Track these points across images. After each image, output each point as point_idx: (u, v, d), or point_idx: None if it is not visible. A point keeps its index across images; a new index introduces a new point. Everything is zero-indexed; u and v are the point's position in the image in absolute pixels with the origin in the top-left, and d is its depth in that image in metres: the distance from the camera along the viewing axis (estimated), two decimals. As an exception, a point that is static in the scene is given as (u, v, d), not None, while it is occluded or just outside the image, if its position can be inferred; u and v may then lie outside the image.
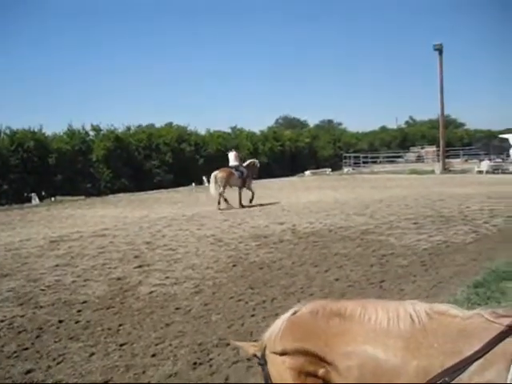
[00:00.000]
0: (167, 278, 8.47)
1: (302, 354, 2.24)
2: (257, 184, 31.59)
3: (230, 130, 46.92)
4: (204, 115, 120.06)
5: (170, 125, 44.95)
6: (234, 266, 9.16)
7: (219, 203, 18.45)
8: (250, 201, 19.35)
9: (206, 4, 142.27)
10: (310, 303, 2.38)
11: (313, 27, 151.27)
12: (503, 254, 9.14)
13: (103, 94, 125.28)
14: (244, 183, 19.71)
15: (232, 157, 20.23)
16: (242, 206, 18.83)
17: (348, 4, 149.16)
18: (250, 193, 19.65)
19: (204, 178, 33.81)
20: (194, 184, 32.29)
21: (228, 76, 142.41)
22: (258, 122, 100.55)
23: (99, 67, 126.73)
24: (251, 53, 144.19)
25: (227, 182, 19.01)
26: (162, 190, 29.90)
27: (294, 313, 2.38)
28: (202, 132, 43.02)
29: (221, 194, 18.64)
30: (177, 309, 6.78)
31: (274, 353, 2.35)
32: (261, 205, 18.92)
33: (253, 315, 6.38)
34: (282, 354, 2.31)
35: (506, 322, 1.97)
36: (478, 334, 1.95)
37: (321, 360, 2.19)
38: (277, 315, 6.31)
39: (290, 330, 2.30)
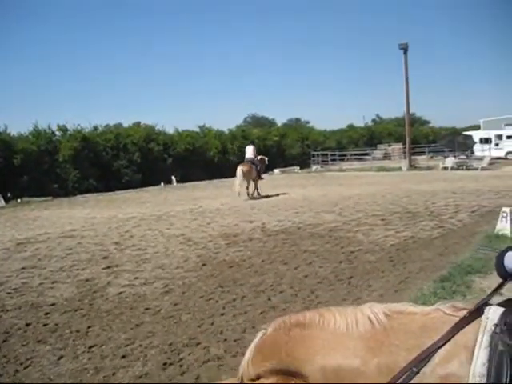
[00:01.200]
0: (136, 278, 8.42)
1: (272, 372, 2.22)
2: (226, 182, 31.71)
3: (198, 129, 46.79)
4: (172, 114, 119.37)
5: (137, 124, 44.60)
6: (203, 265, 9.15)
7: (245, 193, 20.85)
8: (256, 191, 21.54)
9: (167, 2, 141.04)
10: (273, 322, 2.37)
11: (277, 26, 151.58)
12: (468, 248, 9.33)
13: (70, 93, 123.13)
14: (259, 175, 21.89)
15: (250, 150, 22.23)
16: (259, 195, 21.25)
17: (314, 3, 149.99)
18: (257, 184, 21.69)
19: (173, 177, 33.68)
20: (162, 184, 32.09)
21: (196, 74, 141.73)
22: (226, 120, 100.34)
23: (64, 66, 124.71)
24: (219, 52, 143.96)
25: (250, 175, 21.08)
26: (131, 190, 29.66)
27: (261, 336, 2.36)
28: (171, 131, 42.84)
29: (246, 187, 21.01)
30: (146, 309, 6.75)
31: (251, 380, 2.32)
32: (230, 204, 18.90)
33: (223, 314, 6.39)
34: (257, 378, 2.28)
35: (463, 314, 2.03)
36: (438, 327, 1.99)
37: (287, 372, 2.18)
38: (246, 313, 6.40)
39: (259, 352, 2.29)
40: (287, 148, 51.14)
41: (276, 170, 39.66)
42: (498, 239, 9.66)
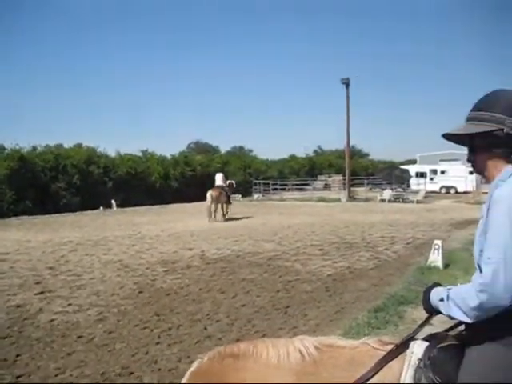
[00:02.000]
0: (70, 305, 8.20)
1: None
2: (167, 208, 31.47)
3: (140, 154, 46.43)
4: (114, 137, 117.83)
5: (79, 146, 43.87)
6: (140, 292, 9.01)
7: (213, 217, 22.52)
8: (225, 215, 23.46)
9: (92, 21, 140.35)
10: (209, 352, 2.41)
11: (221, 56, 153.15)
12: (402, 279, 9.58)
13: (8, 111, 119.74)
14: (228, 200, 23.71)
15: (219, 177, 24.38)
16: (225, 218, 23.15)
17: (257, 30, 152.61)
18: (227, 208, 23.71)
19: (113, 201, 33.13)
20: (102, 208, 31.56)
21: (140, 98, 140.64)
22: (169, 146, 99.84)
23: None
24: (163, 77, 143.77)
25: (219, 200, 22.92)
26: (69, 214, 28.93)
27: (197, 365, 2.39)
28: (112, 154, 42.36)
29: (214, 210, 22.67)
30: (79, 337, 6.57)
31: None
32: (168, 230, 18.73)
33: (158, 343, 6.30)
34: None
35: (389, 348, 2.11)
36: (365, 361, 2.07)
37: None
38: (182, 342, 6.32)
39: (193, 380, 2.32)
40: (230, 176, 51.26)
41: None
42: (430, 271, 9.97)
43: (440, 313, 2.14)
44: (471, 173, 34.59)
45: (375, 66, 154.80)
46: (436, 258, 10.49)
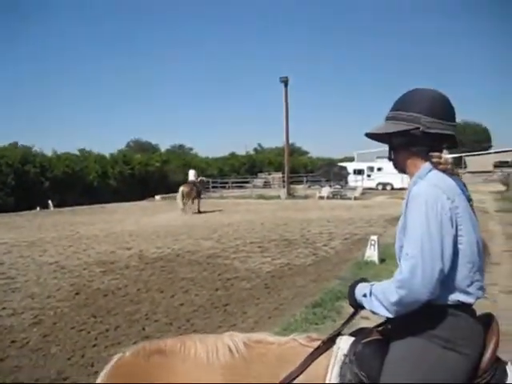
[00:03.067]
0: (4, 308, 7.97)
1: None
2: (105, 208, 30.89)
3: (78, 152, 45.39)
4: (51, 136, 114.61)
5: (15, 145, 42.47)
6: (76, 293, 8.84)
7: (184, 211, 24.41)
8: (199, 209, 25.56)
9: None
10: (133, 347, 2.35)
11: (167, 53, 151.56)
12: (339, 274, 9.76)
13: None
14: (199, 195, 25.87)
15: (192, 173, 27.10)
16: (200, 212, 25.22)
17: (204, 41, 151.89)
18: (198, 202, 25.80)
19: (49, 201, 32.27)
20: (38, 208, 30.73)
21: (80, 95, 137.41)
22: (107, 145, 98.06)
23: None
24: (103, 75, 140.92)
25: (190, 195, 25.00)
26: (3, 214, 27.89)
27: (118, 360, 2.30)
28: (49, 153, 41.21)
29: (185, 204, 24.73)
30: (12, 342, 6.39)
31: None
32: (107, 230, 18.44)
33: (95, 345, 6.21)
34: None
35: (317, 344, 2.16)
36: (292, 358, 2.11)
37: None
38: (119, 344, 6.24)
39: (114, 377, 2.23)
40: (170, 174, 50.87)
41: (157, 197, 39.23)
42: (367, 266, 10.22)
43: (364, 308, 2.19)
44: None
45: (315, 65, 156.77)
46: (372, 253, 10.74)
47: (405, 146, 2.25)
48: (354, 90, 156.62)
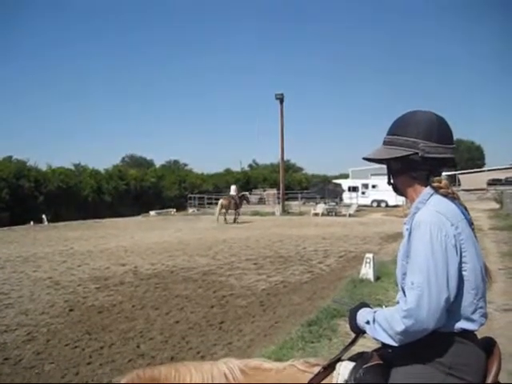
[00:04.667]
0: (-4, 325, 7.90)
1: None
2: (99, 224, 30.80)
3: (73, 167, 45.37)
4: (46, 150, 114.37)
5: (9, 159, 42.37)
6: (70, 310, 8.78)
7: (222, 220, 28.84)
8: (235, 220, 29.83)
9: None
10: (127, 375, 2.28)
11: (159, 71, 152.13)
12: (335, 292, 9.72)
13: None
14: (237, 208, 30.05)
15: (233, 188, 32.15)
16: (235, 221, 29.57)
17: (197, 52, 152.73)
18: (237, 215, 30.33)
19: (44, 216, 32.14)
20: (32, 222, 30.61)
21: (75, 110, 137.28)
22: (102, 160, 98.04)
23: None
24: (96, 89, 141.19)
25: (228, 207, 29.45)
26: (-4, 229, 27.83)
27: None
28: (43, 168, 41.11)
29: (222, 214, 29.13)
30: (5, 359, 6.33)
31: None
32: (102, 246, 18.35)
33: (89, 363, 6.15)
34: None
35: (316, 370, 2.13)
36: None
37: None
38: (113, 361, 6.20)
39: None
40: (164, 190, 50.88)
41: (152, 212, 39.18)
42: (362, 283, 10.18)
43: (365, 333, 2.16)
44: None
45: (311, 81, 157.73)
46: (367, 271, 10.71)
47: (404, 171, 2.23)
48: (349, 107, 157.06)
